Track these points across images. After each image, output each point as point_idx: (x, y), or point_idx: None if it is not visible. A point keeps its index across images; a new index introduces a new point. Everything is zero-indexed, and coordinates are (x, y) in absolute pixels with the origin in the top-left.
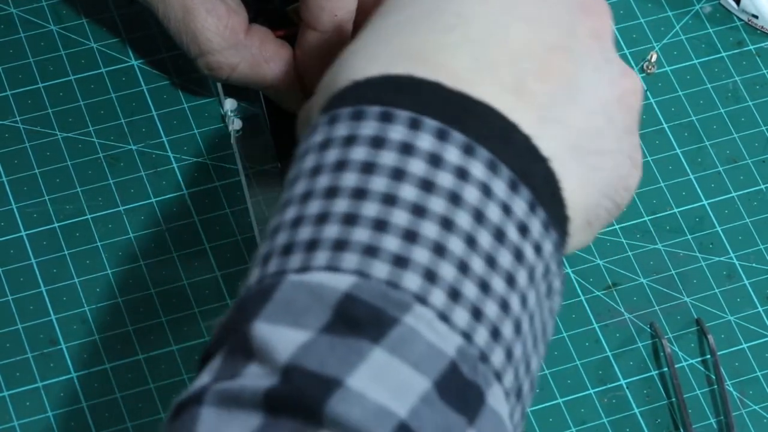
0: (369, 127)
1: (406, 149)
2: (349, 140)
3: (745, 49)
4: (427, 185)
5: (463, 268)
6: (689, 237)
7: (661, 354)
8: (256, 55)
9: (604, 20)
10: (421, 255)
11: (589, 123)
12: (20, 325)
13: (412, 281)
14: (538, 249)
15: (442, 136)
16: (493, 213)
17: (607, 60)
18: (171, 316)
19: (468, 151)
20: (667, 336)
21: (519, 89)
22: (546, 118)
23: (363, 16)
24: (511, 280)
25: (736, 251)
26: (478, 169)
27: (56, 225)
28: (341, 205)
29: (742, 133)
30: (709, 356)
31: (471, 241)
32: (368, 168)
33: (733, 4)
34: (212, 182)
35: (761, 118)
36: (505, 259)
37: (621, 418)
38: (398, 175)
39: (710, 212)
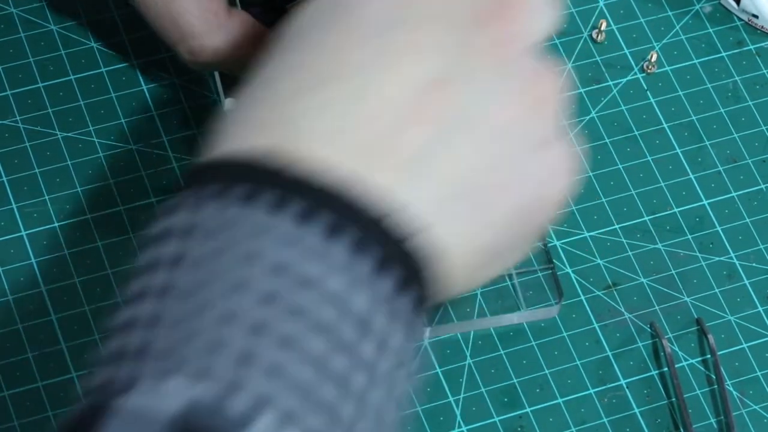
0: (208, 215)
1: (257, 234)
2: (188, 230)
3: (745, 48)
4: (278, 270)
5: (301, 387)
6: (689, 237)
7: (662, 354)
8: (238, 38)
9: (511, 22)
10: (256, 374)
11: (473, 160)
12: (20, 325)
13: (241, 403)
14: (384, 344)
15: (305, 217)
16: (327, 314)
17: (508, 73)
18: None
19: (334, 232)
20: (668, 336)
21: (382, 148)
22: (414, 175)
23: None
24: (343, 385)
25: (736, 251)
26: (341, 255)
27: (56, 225)
28: (174, 308)
29: (742, 133)
30: (709, 356)
31: (308, 353)
32: (199, 263)
33: (733, 3)
34: None
35: (761, 118)
36: (339, 363)
37: (621, 418)
38: (249, 262)
39: (710, 212)
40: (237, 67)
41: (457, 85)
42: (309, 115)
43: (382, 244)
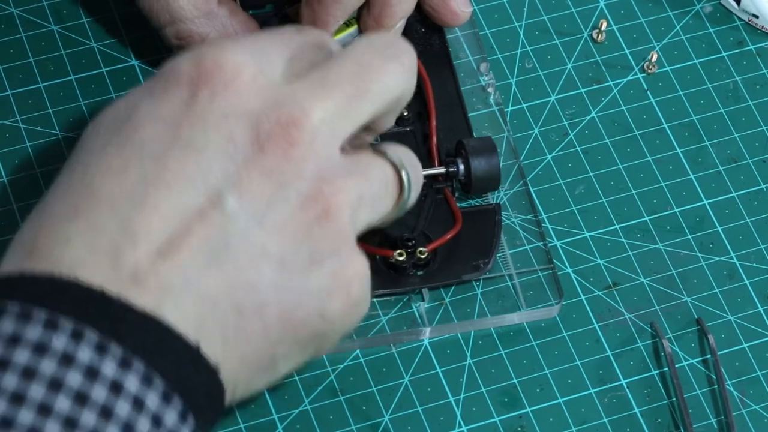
0: (34, 331)
1: (41, 350)
2: (12, 341)
3: (746, 48)
4: (78, 397)
5: None
6: (690, 237)
7: (662, 354)
8: (227, 26)
9: (292, 147)
10: None
11: (234, 284)
12: None
13: None
14: None
15: (100, 349)
16: (143, 426)
17: (281, 198)
18: None
19: (124, 364)
20: (668, 336)
21: (139, 278)
22: (171, 301)
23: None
24: None
25: (736, 251)
26: (131, 383)
27: None
28: None
29: (743, 133)
30: (709, 356)
31: None
32: (28, 374)
33: (734, 3)
34: None
35: (761, 118)
36: None
37: (621, 418)
38: (54, 386)
39: (711, 212)
40: None
41: (220, 214)
42: (66, 244)
43: (168, 373)
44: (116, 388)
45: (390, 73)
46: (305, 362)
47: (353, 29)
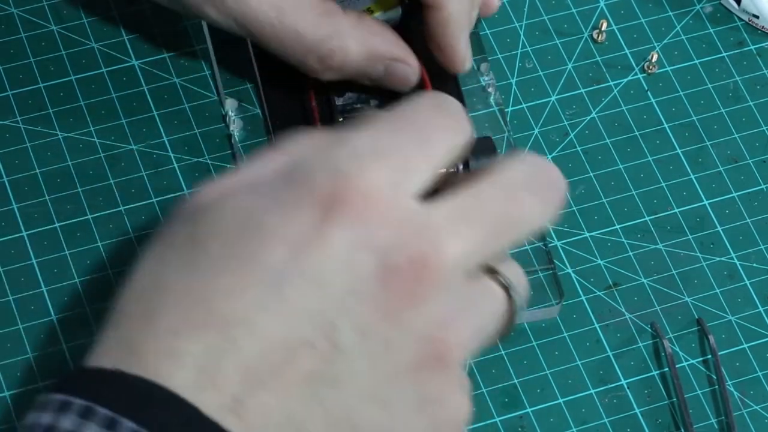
0: (68, 420)
1: None
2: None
3: (746, 49)
4: None
5: None
6: (690, 237)
7: (662, 354)
8: (360, 32)
9: (417, 288)
10: None
11: (338, 425)
12: (21, 325)
13: None
14: None
15: None
16: None
17: (398, 339)
18: None
19: None
20: (668, 336)
21: (238, 409)
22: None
23: None
24: None
25: (737, 251)
26: None
27: (57, 225)
28: None
29: (743, 133)
30: (710, 356)
31: None
32: None
33: (734, 4)
34: None
35: (762, 118)
36: None
37: (622, 418)
38: None
39: (711, 212)
40: (367, 65)
41: (331, 350)
42: (173, 362)
43: None
44: None
45: (537, 215)
46: None
47: (376, 15)
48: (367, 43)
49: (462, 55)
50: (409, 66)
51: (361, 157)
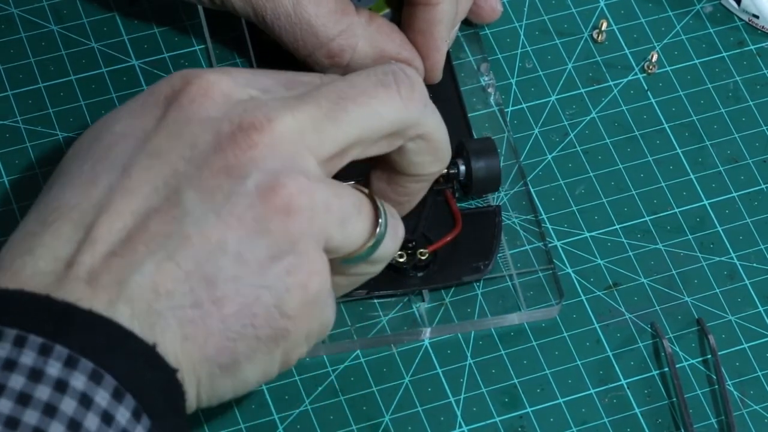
0: None
1: (9, 366)
2: None
3: (746, 49)
4: (23, 399)
5: None
6: (690, 237)
7: (662, 354)
8: (371, 32)
9: (250, 145)
10: None
11: (190, 279)
12: None
13: None
14: None
15: (19, 342)
16: (92, 422)
17: (239, 192)
18: None
19: (69, 364)
20: (668, 336)
21: (92, 279)
22: (124, 299)
23: None
24: None
25: (736, 251)
26: (78, 381)
27: None
28: None
29: (743, 133)
30: (709, 356)
31: None
32: None
33: (734, 4)
34: None
35: (762, 118)
36: None
37: (622, 418)
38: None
39: (711, 212)
40: (377, 59)
41: (176, 211)
42: (32, 257)
43: (118, 372)
44: (61, 386)
45: (378, 99)
46: (275, 371)
47: (386, 12)
48: (376, 44)
49: (443, 57)
50: (416, 68)
51: (204, 69)
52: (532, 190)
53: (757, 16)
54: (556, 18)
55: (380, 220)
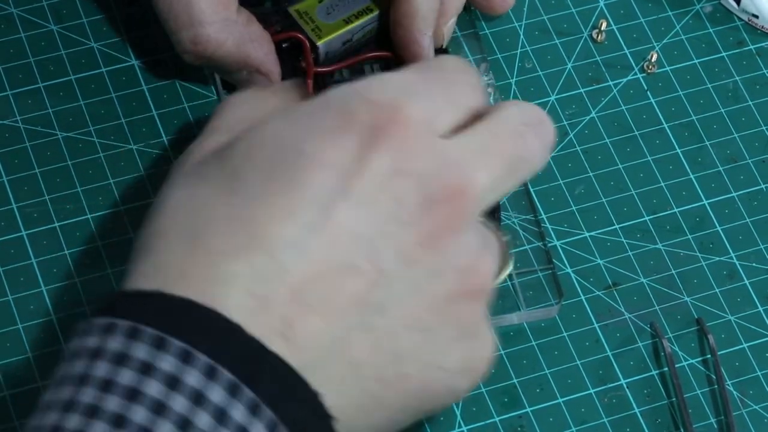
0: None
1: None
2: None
3: (746, 48)
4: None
5: None
6: (689, 237)
7: (662, 354)
8: (243, 34)
9: (458, 213)
10: None
11: (381, 352)
12: (20, 325)
13: None
14: None
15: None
16: None
17: (440, 268)
18: None
19: (255, 412)
20: (668, 336)
21: (288, 333)
22: (315, 362)
23: None
24: None
25: (736, 251)
26: (257, 428)
27: (56, 225)
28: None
29: (743, 133)
30: (709, 356)
31: None
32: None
33: (734, 3)
34: None
35: (761, 118)
36: None
37: (621, 418)
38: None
39: (710, 212)
40: (231, 67)
41: (377, 277)
42: (225, 285)
43: (292, 424)
44: (243, 431)
45: (538, 154)
46: None
47: (375, 14)
48: (244, 48)
49: (426, 52)
50: (270, 82)
51: (397, 92)
52: (531, 189)
53: (756, 16)
54: (555, 18)
55: (510, 256)
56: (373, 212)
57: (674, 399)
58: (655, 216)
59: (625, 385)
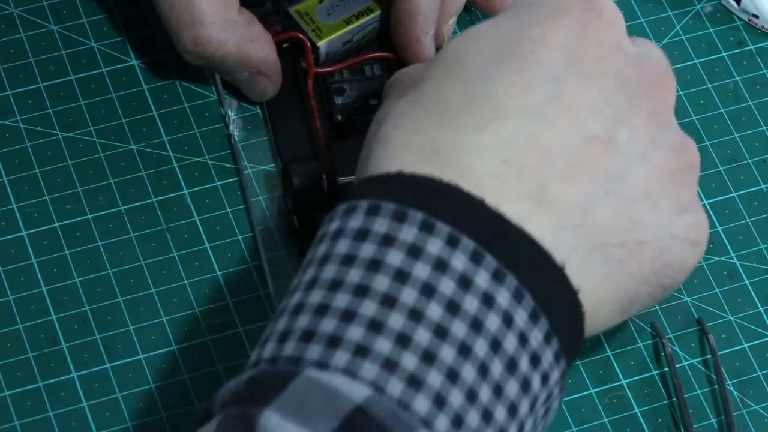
0: (381, 224)
1: (440, 266)
2: (361, 234)
3: (746, 48)
4: (453, 307)
5: (471, 396)
6: None
7: (662, 354)
8: (245, 35)
9: (668, 95)
10: (434, 379)
11: (621, 219)
12: (21, 325)
13: (422, 404)
14: (545, 379)
15: (475, 258)
16: (510, 343)
17: (660, 141)
18: (171, 316)
19: (497, 277)
20: (668, 336)
21: (541, 196)
22: (566, 225)
23: None
24: (513, 410)
25: (736, 251)
26: (503, 298)
27: (57, 225)
28: (369, 307)
29: (743, 133)
30: (709, 356)
31: (484, 370)
32: (401, 277)
33: (734, 3)
34: (212, 182)
35: (762, 118)
36: (512, 389)
37: (621, 418)
38: (428, 291)
39: (711, 212)
40: (232, 68)
41: (616, 145)
42: (477, 152)
43: (538, 297)
44: (488, 300)
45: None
46: (624, 318)
47: (375, 14)
48: (245, 48)
49: (428, 51)
50: (270, 83)
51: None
52: None
53: (756, 16)
54: None
55: None
56: (600, 85)
57: (674, 399)
58: None
59: (625, 385)
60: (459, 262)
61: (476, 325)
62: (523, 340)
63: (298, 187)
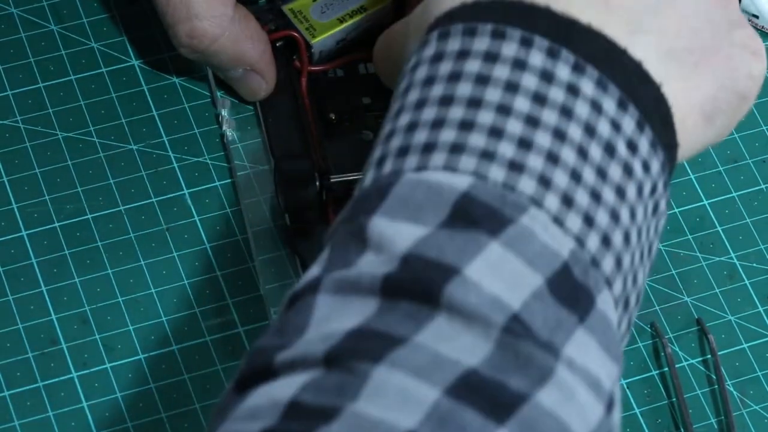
0: (482, 43)
1: (519, 64)
2: (463, 54)
3: None
4: (539, 98)
5: (576, 177)
6: (690, 237)
7: (662, 354)
8: (240, 30)
9: None
10: (535, 162)
11: (684, 24)
12: (21, 325)
13: (527, 185)
14: (646, 166)
15: (552, 54)
16: (603, 128)
17: None
18: (171, 316)
19: (577, 69)
20: (668, 336)
21: (609, 3)
22: (637, 29)
23: None
24: (620, 192)
25: (736, 251)
26: (588, 87)
27: (57, 225)
28: (456, 112)
29: (743, 133)
30: (709, 356)
31: (582, 153)
32: (482, 80)
33: None
34: (212, 182)
35: (762, 118)
36: (615, 172)
37: (621, 418)
38: (511, 87)
39: (711, 212)
40: (227, 64)
41: None
42: None
43: (623, 87)
44: (573, 90)
45: None
46: (725, 133)
47: (369, 13)
48: (239, 45)
49: None
50: (264, 81)
51: None
52: None
53: (756, 16)
54: None
55: None
56: None
57: (674, 399)
58: None
59: (625, 385)
60: (536, 59)
61: (566, 112)
62: (615, 126)
63: (290, 184)
